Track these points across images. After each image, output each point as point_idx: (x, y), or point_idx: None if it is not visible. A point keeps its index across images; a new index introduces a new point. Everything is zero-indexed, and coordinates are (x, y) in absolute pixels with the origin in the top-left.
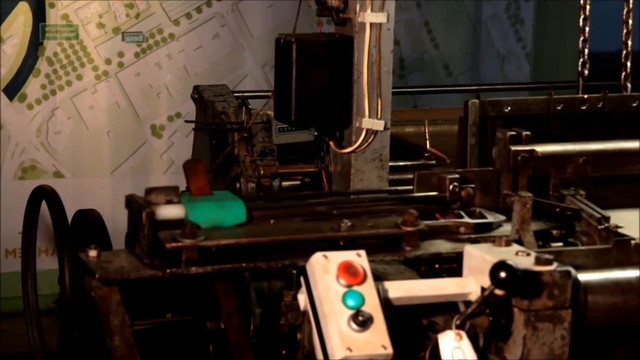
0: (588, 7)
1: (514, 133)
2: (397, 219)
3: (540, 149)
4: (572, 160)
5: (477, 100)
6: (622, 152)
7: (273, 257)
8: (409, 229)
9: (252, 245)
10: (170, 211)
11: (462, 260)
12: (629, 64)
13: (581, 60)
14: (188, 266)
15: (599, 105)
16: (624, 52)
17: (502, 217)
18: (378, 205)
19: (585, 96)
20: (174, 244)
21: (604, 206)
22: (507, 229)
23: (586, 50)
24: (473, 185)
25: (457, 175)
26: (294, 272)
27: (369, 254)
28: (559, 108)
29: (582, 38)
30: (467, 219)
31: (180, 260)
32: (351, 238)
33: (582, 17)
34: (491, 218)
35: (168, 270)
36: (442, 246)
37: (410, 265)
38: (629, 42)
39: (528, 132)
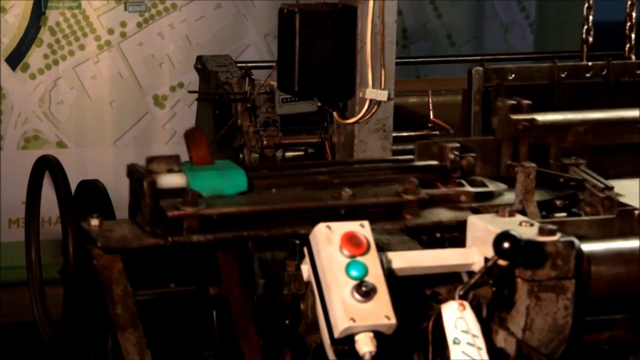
0: None
1: (514, 102)
2: (398, 188)
3: (541, 117)
4: (573, 129)
5: (480, 68)
6: (622, 121)
7: (274, 226)
8: (409, 197)
9: (253, 213)
10: (171, 180)
11: (466, 231)
12: (633, 35)
13: (585, 27)
14: (190, 234)
15: (603, 73)
16: (628, 23)
17: (504, 186)
18: (379, 175)
19: (590, 63)
20: (175, 212)
21: (605, 176)
22: (508, 197)
23: (590, 17)
24: (474, 154)
25: (457, 144)
26: (297, 242)
27: (370, 222)
28: (563, 75)
29: (586, 5)
30: (468, 188)
31: (182, 229)
32: (352, 207)
33: None
34: (492, 187)
35: (170, 239)
36: (443, 215)
37: (412, 234)
38: (633, 14)
39: (529, 101)
